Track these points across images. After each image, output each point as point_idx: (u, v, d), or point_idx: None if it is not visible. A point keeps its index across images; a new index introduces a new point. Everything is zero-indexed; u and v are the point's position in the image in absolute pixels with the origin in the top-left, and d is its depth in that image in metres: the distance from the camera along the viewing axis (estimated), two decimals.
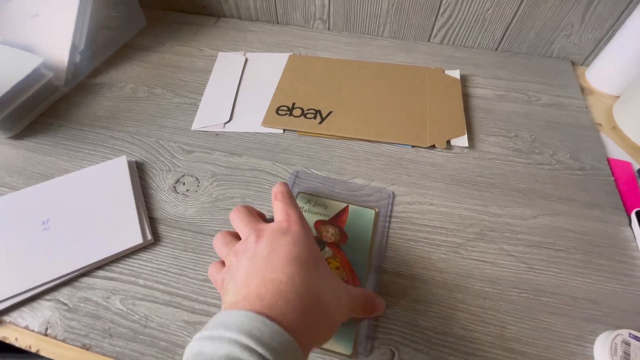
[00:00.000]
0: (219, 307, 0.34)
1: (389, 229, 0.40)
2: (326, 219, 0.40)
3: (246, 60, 0.59)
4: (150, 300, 0.35)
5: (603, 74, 0.55)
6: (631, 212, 0.40)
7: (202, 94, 0.54)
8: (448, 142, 0.48)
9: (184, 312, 0.34)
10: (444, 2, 0.57)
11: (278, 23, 0.67)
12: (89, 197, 0.40)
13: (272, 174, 0.45)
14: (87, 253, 0.36)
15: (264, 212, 0.38)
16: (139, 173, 0.44)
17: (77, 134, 0.49)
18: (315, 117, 0.50)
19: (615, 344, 0.31)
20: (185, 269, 0.37)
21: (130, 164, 0.44)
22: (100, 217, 0.39)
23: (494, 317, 0.34)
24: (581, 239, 0.39)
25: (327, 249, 0.38)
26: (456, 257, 0.38)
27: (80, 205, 0.40)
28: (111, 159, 0.45)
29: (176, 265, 0.37)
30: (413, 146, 0.48)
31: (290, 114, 0.50)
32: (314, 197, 0.42)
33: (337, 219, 0.40)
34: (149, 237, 0.38)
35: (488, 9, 0.56)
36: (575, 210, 0.41)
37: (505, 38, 0.60)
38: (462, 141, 0.47)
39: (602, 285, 0.36)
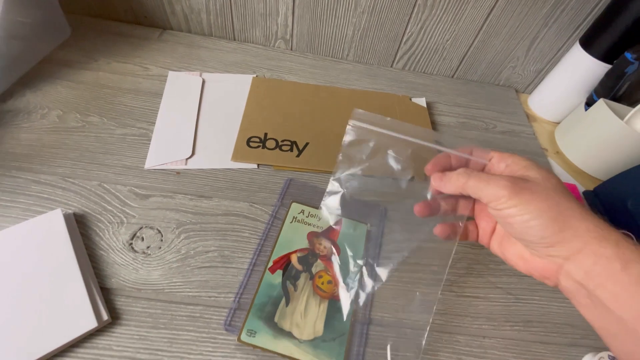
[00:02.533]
0: None
1: (380, 245, 0.39)
2: (319, 230, 0.39)
3: (203, 82, 0.53)
4: None
5: (544, 102, 0.61)
6: None
7: (154, 123, 0.46)
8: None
9: None
10: (407, 31, 0.58)
11: (235, 40, 0.61)
12: (10, 269, 0.31)
13: (250, 217, 0.40)
14: (18, 351, 0.27)
15: (243, 264, 0.33)
16: (81, 229, 0.35)
17: None
18: (291, 150, 0.46)
19: None
20: (159, 352, 0.30)
21: (67, 217, 0.35)
22: (31, 296, 0.30)
23: (495, 356, 0.35)
24: None
25: (319, 261, 0.37)
26: (452, 296, 0.38)
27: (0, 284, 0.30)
28: (39, 212, 0.35)
29: (145, 349, 0.30)
30: (394, 178, 0.47)
31: (264, 146, 0.46)
32: (308, 208, 0.41)
33: (330, 231, 0.39)
34: (105, 316, 0.30)
35: (447, 40, 0.59)
36: None
37: (461, 67, 0.63)
38: None
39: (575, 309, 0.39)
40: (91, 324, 0.29)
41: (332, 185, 0.34)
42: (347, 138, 0.31)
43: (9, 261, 0.31)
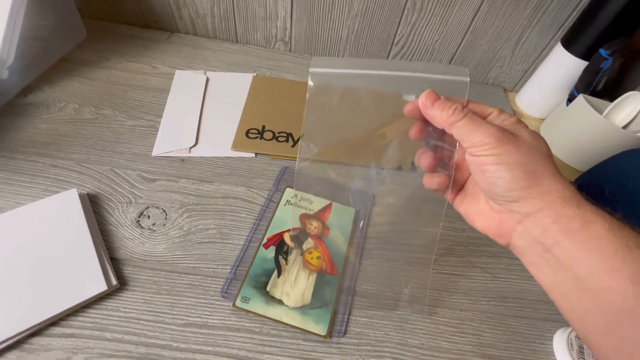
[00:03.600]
0: (205, 353, 0.31)
1: (367, 226, 0.43)
2: (311, 213, 0.42)
3: (207, 80, 0.57)
4: (122, 356, 0.30)
5: (530, 100, 0.64)
6: None
7: (161, 116, 0.50)
8: (412, 163, 0.51)
9: None
10: (398, 33, 0.61)
11: (237, 42, 0.66)
12: (31, 240, 0.34)
13: (247, 200, 0.43)
14: (36, 309, 0.31)
15: (240, 240, 0.36)
16: (94, 207, 0.39)
17: (8, 163, 0.41)
18: (287, 141, 0.49)
19: (571, 339, 0.36)
20: (161, 315, 0.33)
21: (81, 196, 0.39)
22: (49, 263, 0.33)
23: (471, 327, 0.37)
24: None
25: (309, 240, 0.40)
26: (432, 272, 0.40)
27: (21, 251, 0.34)
28: (56, 192, 0.39)
29: (149, 311, 0.33)
30: (381, 168, 0.50)
31: (262, 137, 0.49)
32: (300, 192, 0.44)
33: (321, 214, 0.43)
34: (114, 281, 0.33)
35: (436, 41, 0.62)
36: None
37: None
38: None
39: None
40: (101, 287, 0.32)
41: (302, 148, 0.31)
42: (311, 90, 0.27)
43: (30, 233, 0.35)
